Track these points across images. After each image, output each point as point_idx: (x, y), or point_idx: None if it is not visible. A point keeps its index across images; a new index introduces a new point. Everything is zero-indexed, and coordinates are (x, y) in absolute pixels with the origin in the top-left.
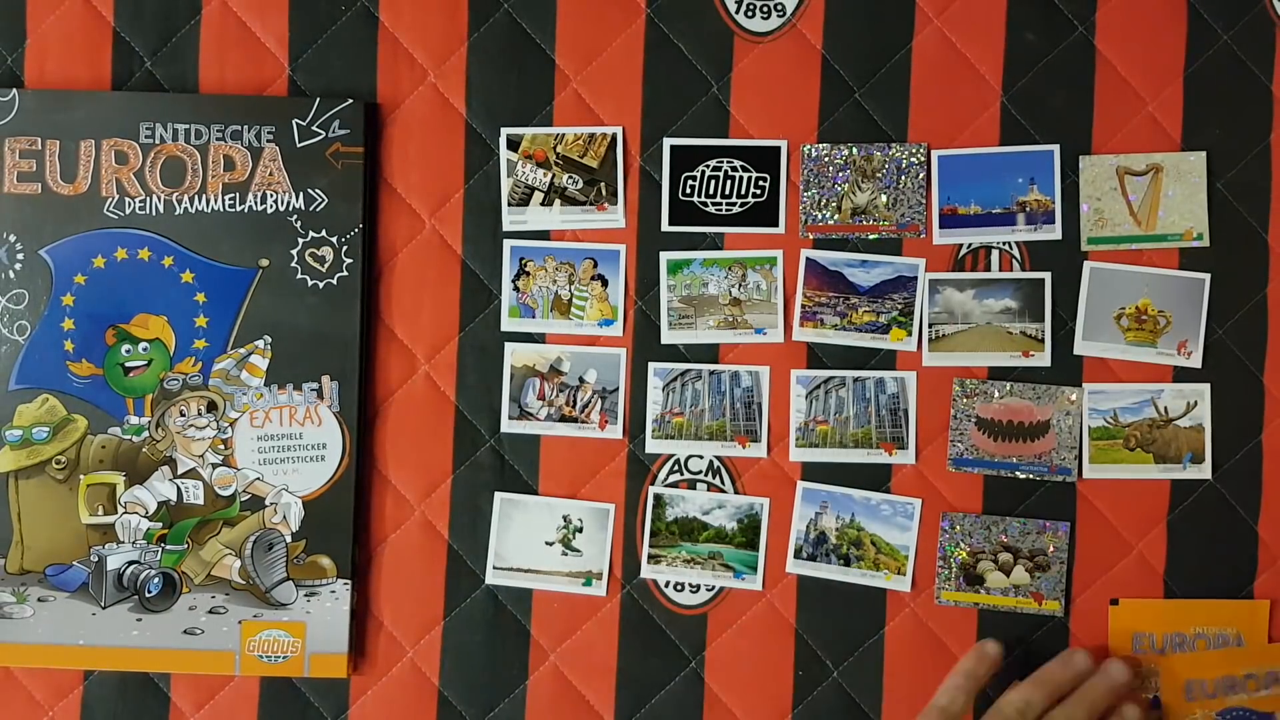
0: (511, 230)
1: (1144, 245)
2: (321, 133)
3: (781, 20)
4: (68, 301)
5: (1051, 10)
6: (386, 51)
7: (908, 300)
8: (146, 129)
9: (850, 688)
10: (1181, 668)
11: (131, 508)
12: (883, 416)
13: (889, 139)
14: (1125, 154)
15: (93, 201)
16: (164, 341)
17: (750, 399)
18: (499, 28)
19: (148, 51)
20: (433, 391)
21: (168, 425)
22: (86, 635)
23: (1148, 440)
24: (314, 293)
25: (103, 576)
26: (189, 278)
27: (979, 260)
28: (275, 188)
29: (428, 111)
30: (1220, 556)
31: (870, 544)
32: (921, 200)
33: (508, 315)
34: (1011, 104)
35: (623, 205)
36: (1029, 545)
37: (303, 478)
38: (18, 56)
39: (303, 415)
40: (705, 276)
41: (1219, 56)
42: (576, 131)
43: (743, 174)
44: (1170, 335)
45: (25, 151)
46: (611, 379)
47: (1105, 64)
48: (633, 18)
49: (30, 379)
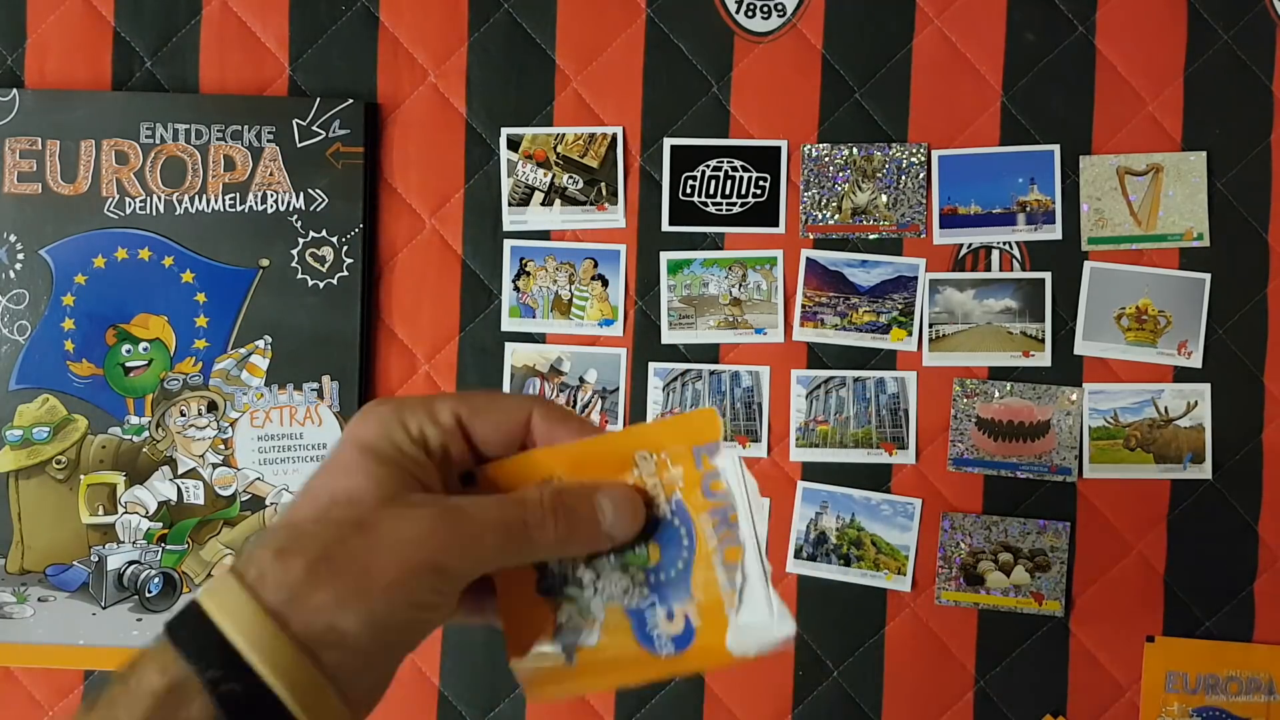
0: (512, 230)
1: (1144, 245)
2: (321, 133)
3: (782, 20)
4: (68, 301)
5: (1051, 10)
6: (386, 51)
7: (908, 300)
8: (147, 129)
9: (850, 688)
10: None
11: (132, 508)
12: (883, 416)
13: (889, 139)
14: (1125, 154)
15: (93, 201)
16: (164, 341)
17: (750, 399)
18: (499, 28)
19: (148, 51)
20: (433, 391)
21: (168, 425)
22: (86, 635)
23: (1148, 440)
24: (314, 293)
25: (103, 576)
26: (189, 278)
27: (979, 260)
28: (275, 188)
29: (428, 111)
30: (1220, 556)
31: (870, 544)
32: (922, 200)
33: (508, 315)
34: (1011, 104)
35: (623, 205)
36: (1029, 545)
37: (303, 478)
38: (18, 56)
39: (303, 415)
40: (705, 276)
41: (1219, 56)
42: (577, 131)
43: (743, 174)
44: (1170, 335)
45: (25, 151)
46: (612, 379)
47: (1105, 64)
48: (633, 18)
49: (31, 379)
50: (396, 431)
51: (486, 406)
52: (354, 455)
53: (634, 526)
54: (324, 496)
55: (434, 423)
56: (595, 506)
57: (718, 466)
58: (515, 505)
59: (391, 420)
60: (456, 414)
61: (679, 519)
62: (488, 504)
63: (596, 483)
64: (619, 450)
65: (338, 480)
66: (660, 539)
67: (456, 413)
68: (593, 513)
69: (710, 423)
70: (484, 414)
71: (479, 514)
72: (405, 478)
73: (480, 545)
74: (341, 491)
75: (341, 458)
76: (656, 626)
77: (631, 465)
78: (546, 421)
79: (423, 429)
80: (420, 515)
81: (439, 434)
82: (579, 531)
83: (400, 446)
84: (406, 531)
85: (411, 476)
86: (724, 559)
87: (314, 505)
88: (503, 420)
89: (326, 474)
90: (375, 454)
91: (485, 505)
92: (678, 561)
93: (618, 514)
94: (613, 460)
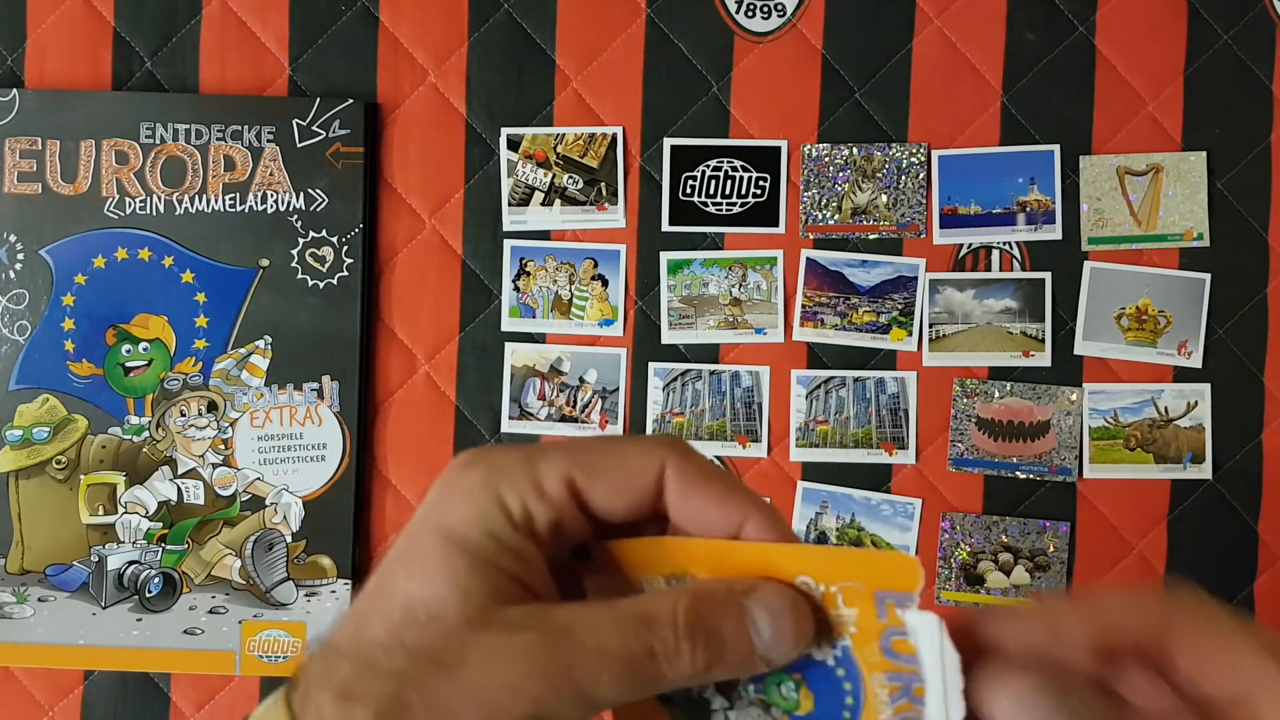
0: (512, 230)
1: (1144, 245)
2: (322, 133)
3: (781, 20)
4: (68, 301)
5: (1051, 10)
6: (386, 51)
7: (908, 300)
8: (147, 129)
9: None
10: None
11: (132, 508)
12: (883, 416)
13: (889, 139)
14: (1125, 154)
15: (93, 201)
16: (164, 341)
17: (750, 399)
18: (499, 28)
19: (148, 51)
20: (433, 391)
21: (168, 425)
22: (86, 635)
23: (1148, 440)
24: (314, 293)
25: (103, 576)
26: (189, 278)
27: (979, 260)
28: (275, 188)
29: (428, 111)
30: (1220, 556)
31: (870, 544)
32: (922, 200)
33: (508, 315)
34: (1011, 104)
35: (623, 205)
36: (1029, 545)
37: (303, 478)
38: (18, 56)
39: (303, 415)
40: (705, 276)
41: (1219, 56)
42: (577, 131)
43: (743, 174)
44: (1170, 335)
45: (25, 151)
46: (612, 379)
47: (1105, 64)
48: (633, 18)
49: (30, 379)
50: (493, 514)
51: (606, 464)
52: (437, 549)
53: (798, 646)
54: (398, 609)
55: (540, 497)
56: (747, 621)
57: (908, 624)
58: (639, 626)
59: (487, 500)
60: (569, 479)
61: (845, 670)
62: (604, 624)
63: (747, 582)
64: (779, 566)
65: (415, 583)
66: (815, 686)
67: (569, 477)
68: (743, 630)
69: (908, 571)
70: (604, 475)
71: (594, 639)
72: (502, 581)
73: (595, 684)
74: (420, 603)
75: (422, 548)
76: None
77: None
78: (681, 483)
79: (526, 506)
80: (518, 647)
81: (547, 511)
82: (724, 658)
83: (498, 536)
84: (499, 672)
85: (510, 579)
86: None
87: (386, 621)
88: (627, 482)
89: (403, 569)
90: (464, 549)
91: (601, 626)
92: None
93: (777, 630)
94: (767, 575)
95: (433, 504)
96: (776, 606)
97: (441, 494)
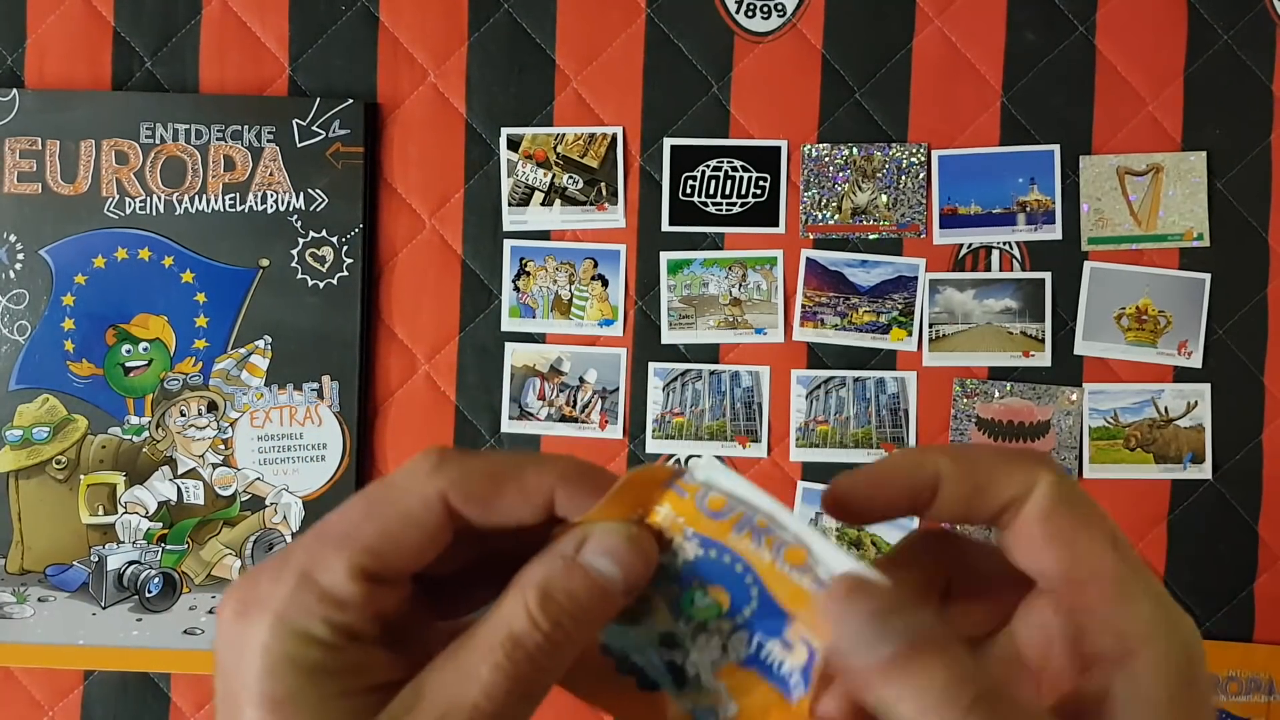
0: (511, 230)
1: (1144, 245)
2: (321, 133)
3: (781, 20)
4: (68, 301)
5: (1051, 10)
6: (386, 51)
7: (908, 300)
8: (146, 129)
9: None
10: None
11: (131, 508)
12: (883, 416)
13: (889, 139)
14: (1125, 154)
15: (93, 201)
16: (164, 341)
17: (750, 399)
18: (499, 28)
19: (148, 51)
20: (433, 391)
21: (168, 425)
22: (86, 635)
23: (1148, 440)
24: (314, 293)
25: (103, 576)
26: (189, 278)
27: (979, 260)
28: (275, 188)
29: (428, 111)
30: (1220, 556)
31: (871, 544)
32: (922, 200)
33: (508, 315)
34: (1011, 104)
35: (623, 205)
36: None
37: (303, 478)
38: (18, 56)
39: (303, 415)
40: (705, 276)
41: (1219, 56)
42: (577, 131)
43: (743, 174)
44: (1170, 335)
45: (25, 151)
46: (612, 379)
47: (1105, 64)
48: (633, 18)
49: (30, 379)
50: (298, 654)
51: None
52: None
53: (640, 557)
54: None
55: (335, 606)
56: (591, 574)
57: (701, 483)
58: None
59: (279, 642)
60: (356, 568)
61: (711, 549)
62: (467, 663)
63: (574, 543)
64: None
65: None
66: (711, 579)
67: (354, 566)
68: (591, 580)
69: (655, 470)
70: (390, 540)
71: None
72: (346, 702)
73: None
74: None
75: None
76: (783, 663)
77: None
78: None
79: (328, 622)
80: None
81: (351, 610)
82: (588, 609)
83: (314, 671)
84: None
85: (352, 694)
86: (790, 565)
87: None
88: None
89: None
90: (288, 706)
91: (461, 668)
92: (749, 589)
93: (613, 557)
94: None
95: (230, 672)
96: (604, 543)
97: (234, 658)
